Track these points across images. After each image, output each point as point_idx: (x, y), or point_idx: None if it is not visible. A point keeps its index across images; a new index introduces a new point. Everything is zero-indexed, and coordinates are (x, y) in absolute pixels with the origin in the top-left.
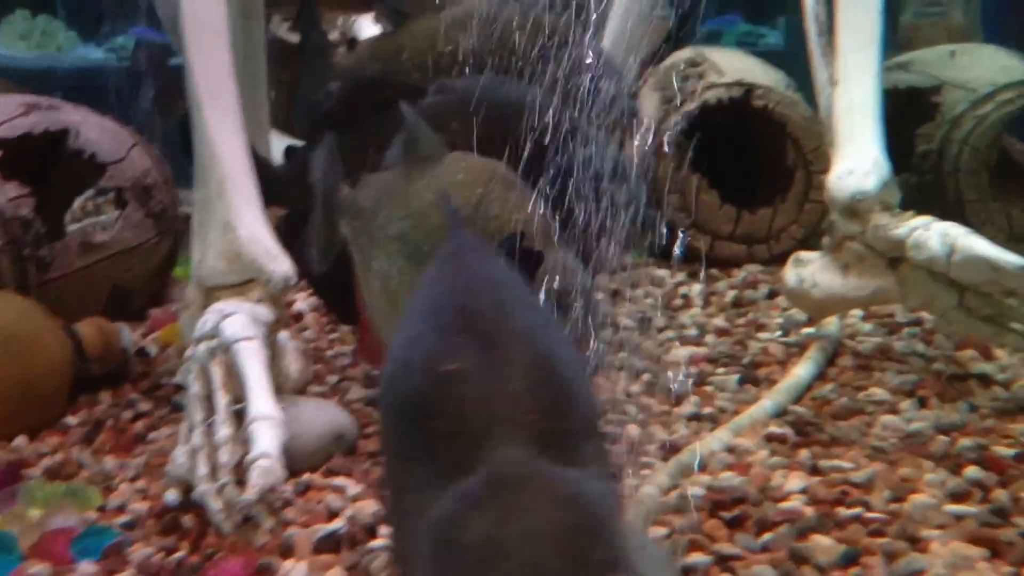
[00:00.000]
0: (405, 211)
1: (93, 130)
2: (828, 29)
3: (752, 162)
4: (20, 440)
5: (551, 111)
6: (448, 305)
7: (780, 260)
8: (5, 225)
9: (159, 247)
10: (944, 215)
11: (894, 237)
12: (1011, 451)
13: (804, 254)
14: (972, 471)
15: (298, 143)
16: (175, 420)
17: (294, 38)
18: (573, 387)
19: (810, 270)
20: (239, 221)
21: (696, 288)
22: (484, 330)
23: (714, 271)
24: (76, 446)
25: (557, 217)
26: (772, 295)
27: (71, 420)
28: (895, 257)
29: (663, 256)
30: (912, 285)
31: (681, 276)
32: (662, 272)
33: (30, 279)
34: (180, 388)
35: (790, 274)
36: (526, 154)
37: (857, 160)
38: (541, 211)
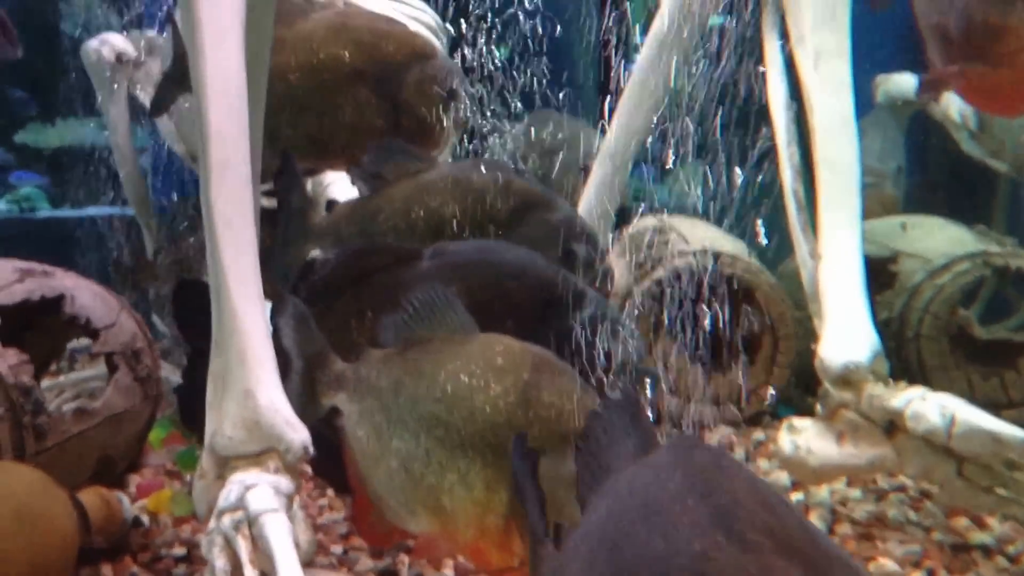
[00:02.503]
0: (438, 393)
1: (86, 295)
2: (807, 204)
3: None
4: None
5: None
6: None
7: (752, 422)
8: (6, 392)
9: (143, 412)
10: (907, 381)
11: (890, 408)
12: None
13: (797, 421)
14: None
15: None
16: None
17: (269, 202)
18: None
19: (805, 437)
20: (259, 389)
21: None
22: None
23: (687, 433)
24: None
25: None
26: (747, 458)
27: None
28: (891, 426)
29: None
30: (910, 455)
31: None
32: None
33: (27, 447)
34: (181, 561)
35: (785, 441)
36: (527, 317)
37: (847, 331)
38: (595, 398)
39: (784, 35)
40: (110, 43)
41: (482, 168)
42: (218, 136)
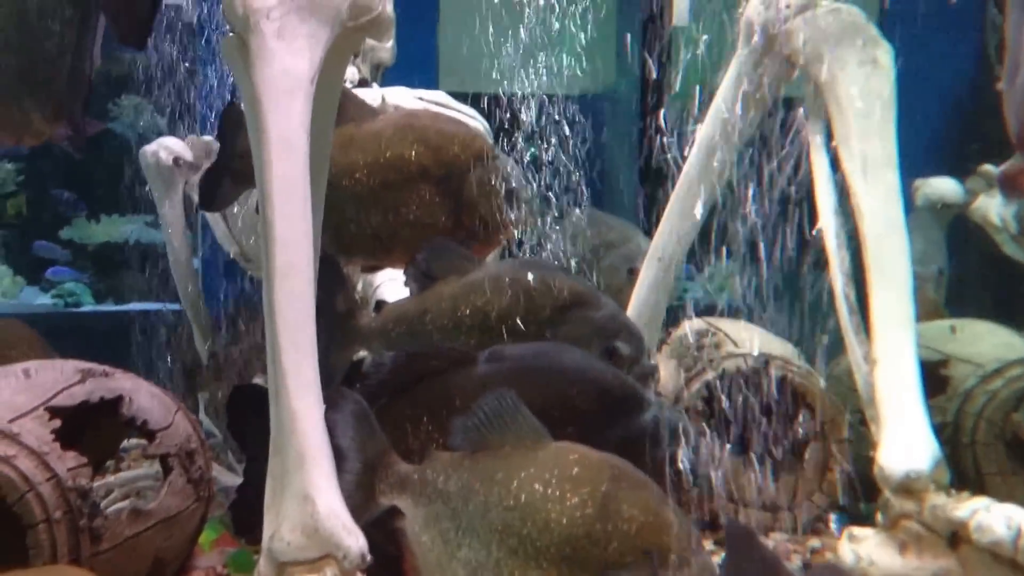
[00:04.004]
0: (512, 501)
1: (144, 397)
2: (859, 308)
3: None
4: None
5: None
6: None
7: (807, 529)
8: (64, 495)
9: (196, 514)
10: (965, 485)
11: (954, 518)
12: None
13: (857, 530)
14: None
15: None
16: None
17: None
18: None
19: (867, 547)
20: (318, 494)
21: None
22: None
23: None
24: None
25: None
26: (805, 567)
27: None
28: (955, 537)
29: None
30: (975, 567)
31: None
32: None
33: (83, 550)
34: None
35: (846, 551)
36: (588, 423)
37: (907, 439)
38: (678, 513)
39: (831, 140)
40: (167, 147)
41: (526, 267)
42: (283, 242)
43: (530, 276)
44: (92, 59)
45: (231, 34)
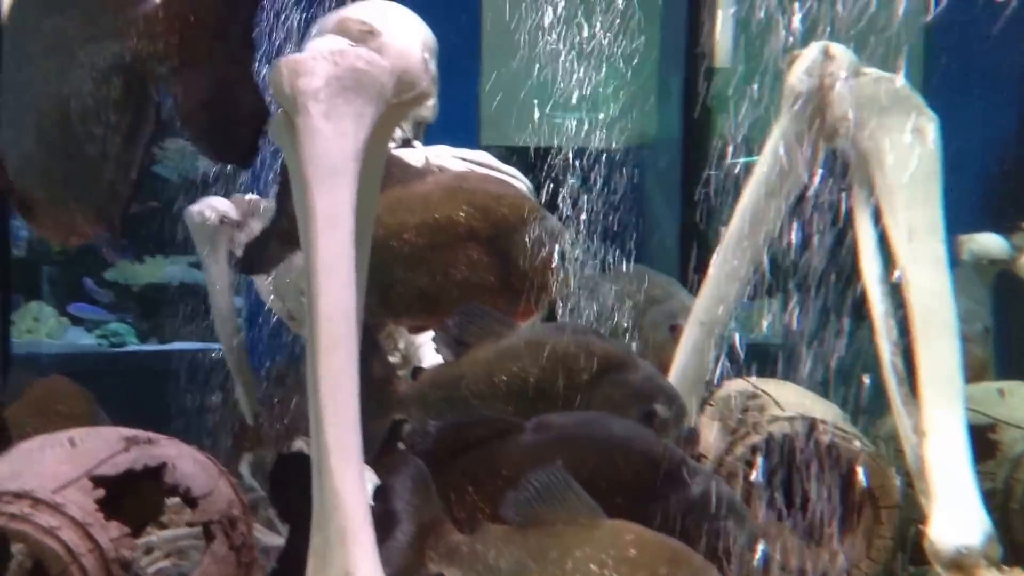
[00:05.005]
0: None
1: (187, 463)
2: (907, 379)
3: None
4: None
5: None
6: None
7: None
8: (107, 566)
9: None
10: (1014, 553)
11: None
12: None
13: None
14: None
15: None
16: None
17: None
18: None
19: None
20: (359, 571)
21: None
22: None
23: None
24: None
25: None
26: None
27: None
28: None
29: None
30: None
31: None
32: None
33: None
34: None
35: None
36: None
37: (957, 514)
38: None
39: (876, 208)
40: (213, 206)
41: (560, 331)
42: (327, 317)
43: (565, 341)
44: (141, 166)
45: (279, 112)
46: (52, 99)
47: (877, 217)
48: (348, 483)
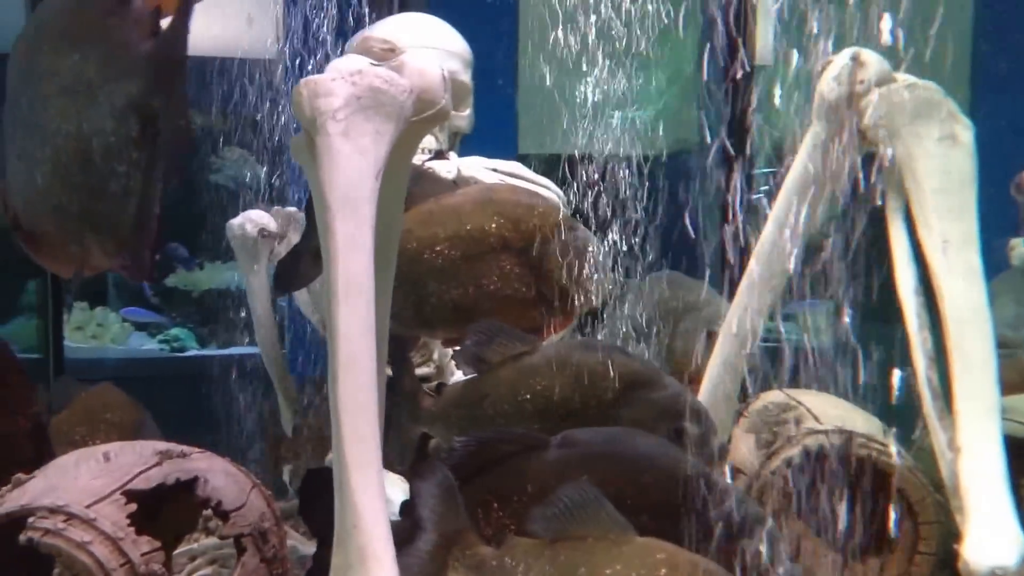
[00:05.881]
0: None
1: (219, 477)
2: (943, 393)
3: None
4: None
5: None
6: None
7: None
8: None
9: None
10: None
11: None
12: None
13: None
14: None
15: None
16: None
17: None
18: None
19: None
20: None
21: None
22: None
23: None
24: None
25: None
26: None
27: None
28: None
29: None
30: None
31: None
32: None
33: None
34: None
35: None
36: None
37: (992, 532)
38: None
39: (910, 219)
40: (252, 219)
41: (584, 348)
42: (346, 337)
43: (590, 358)
44: (159, 204)
45: (300, 133)
46: (64, 135)
47: (912, 227)
48: (368, 501)
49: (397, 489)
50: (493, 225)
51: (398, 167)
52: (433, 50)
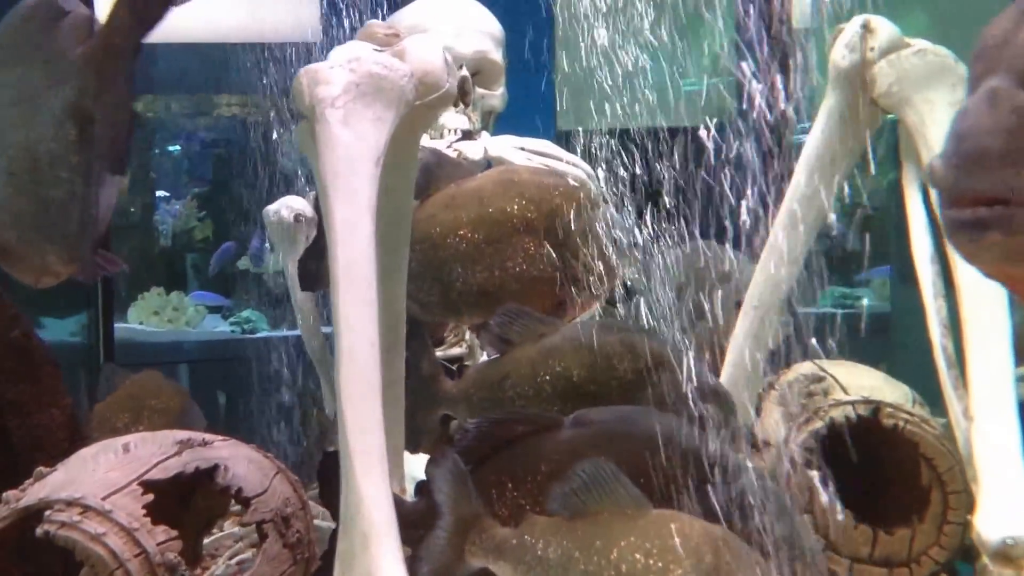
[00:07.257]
0: (613, 571)
1: (240, 464)
2: (957, 361)
3: (878, 479)
4: None
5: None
6: None
7: None
8: (152, 571)
9: None
10: None
11: None
12: None
13: None
14: None
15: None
16: None
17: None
18: None
19: None
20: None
21: None
22: None
23: None
24: None
25: None
26: None
27: None
28: None
29: None
30: None
31: None
32: None
33: None
34: None
35: None
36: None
37: (1005, 502)
38: None
39: (925, 187)
40: (289, 205)
41: (604, 329)
42: (347, 323)
43: (610, 339)
44: (98, 204)
45: (302, 121)
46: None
47: (927, 195)
48: (371, 488)
49: None
50: (515, 207)
51: (404, 151)
52: (466, 30)
